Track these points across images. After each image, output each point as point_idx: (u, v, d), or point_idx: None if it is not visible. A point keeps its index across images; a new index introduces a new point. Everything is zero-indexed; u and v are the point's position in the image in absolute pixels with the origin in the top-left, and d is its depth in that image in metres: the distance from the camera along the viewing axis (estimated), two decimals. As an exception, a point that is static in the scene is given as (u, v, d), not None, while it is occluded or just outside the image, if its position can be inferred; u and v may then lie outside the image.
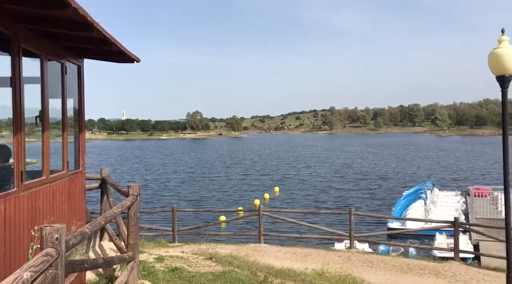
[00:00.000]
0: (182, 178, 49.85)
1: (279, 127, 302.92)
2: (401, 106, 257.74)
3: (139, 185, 5.23)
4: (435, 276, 9.86)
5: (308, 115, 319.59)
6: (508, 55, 6.60)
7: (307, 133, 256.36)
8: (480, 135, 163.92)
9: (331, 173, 52.50)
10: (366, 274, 9.60)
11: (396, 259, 11.91)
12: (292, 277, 6.78)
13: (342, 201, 33.45)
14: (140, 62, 6.64)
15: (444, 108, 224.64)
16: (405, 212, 25.25)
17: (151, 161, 76.07)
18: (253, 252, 11.61)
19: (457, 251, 12.08)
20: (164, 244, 11.43)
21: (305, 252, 12.05)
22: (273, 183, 44.16)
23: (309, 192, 38.77)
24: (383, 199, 34.23)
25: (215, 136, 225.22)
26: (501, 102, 7.04)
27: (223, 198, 36.09)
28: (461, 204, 28.50)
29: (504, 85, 6.82)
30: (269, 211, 14.91)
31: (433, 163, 64.83)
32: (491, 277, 9.78)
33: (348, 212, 13.18)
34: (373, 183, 43.21)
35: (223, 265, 6.88)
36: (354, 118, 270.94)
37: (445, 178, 46.96)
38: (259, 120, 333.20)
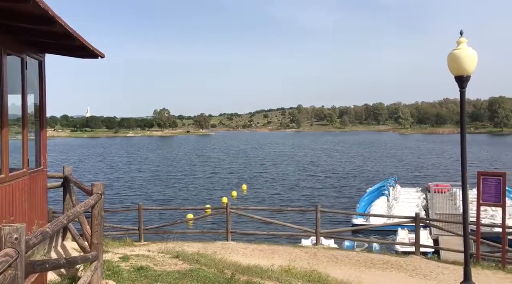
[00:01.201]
0: (148, 177, 48.94)
1: (247, 125, 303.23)
2: (366, 105, 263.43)
3: (103, 183, 5.13)
4: (397, 270, 10.17)
5: (276, 113, 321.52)
6: (466, 56, 6.85)
7: (275, 131, 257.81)
8: (440, 133, 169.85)
9: (299, 171, 53.06)
10: (331, 270, 9.79)
11: (360, 254, 12.20)
12: (259, 274, 6.83)
13: (309, 199, 33.88)
14: (104, 58, 6.51)
15: (406, 107, 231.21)
16: (369, 208, 25.88)
17: (115, 159, 74.43)
18: (221, 249, 11.61)
19: (418, 246, 12.49)
20: (130, 243, 11.26)
21: (272, 249, 12.16)
22: (241, 181, 44.20)
23: (276, 190, 39.06)
24: (349, 196, 34.94)
25: (182, 134, 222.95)
26: (460, 102, 7.28)
27: (190, 197, 35.76)
28: (422, 200, 29.48)
29: (462, 85, 7.06)
30: (236, 209, 14.95)
31: (395, 160, 66.65)
32: (449, 270, 10.17)
33: (314, 209, 13.37)
34: (339, 181, 43.99)
35: (190, 263, 6.85)
36: (321, 116, 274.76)
37: (407, 175, 48.41)
38: (227, 118, 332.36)
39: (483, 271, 10.29)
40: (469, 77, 7.01)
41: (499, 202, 11.07)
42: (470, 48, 6.92)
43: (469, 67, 6.93)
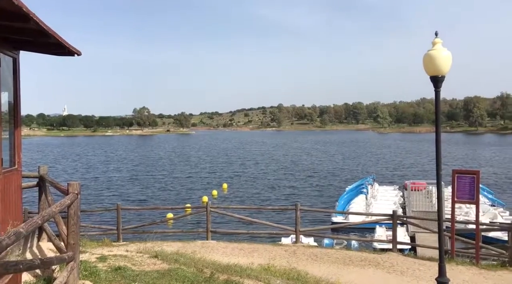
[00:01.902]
0: (127, 177, 48.18)
1: (228, 124, 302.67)
2: (345, 104, 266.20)
3: (79, 183, 5.06)
4: (375, 267, 10.33)
5: (257, 112, 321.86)
6: (440, 57, 6.97)
7: (256, 130, 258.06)
8: (417, 132, 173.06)
9: (279, 170, 53.24)
10: (310, 267, 9.88)
11: (339, 252, 12.34)
12: (238, 273, 6.85)
13: (290, 198, 34.04)
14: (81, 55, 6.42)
15: (385, 106, 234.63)
16: (348, 206, 26.19)
17: (93, 159, 73.19)
18: (201, 249, 11.58)
19: (395, 243, 12.72)
20: (108, 243, 11.12)
21: (252, 247, 12.19)
22: (221, 180, 44.10)
23: (257, 189, 39.11)
24: (329, 195, 35.23)
25: (163, 133, 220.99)
26: (435, 101, 7.41)
27: (170, 197, 35.39)
28: (399, 198, 29.99)
29: (437, 85, 7.18)
30: (216, 208, 14.91)
31: (374, 159, 67.58)
32: (425, 267, 10.38)
33: (294, 208, 13.45)
34: (319, 180, 44.31)
35: (169, 263, 6.81)
36: (301, 115, 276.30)
37: (385, 173, 49.15)
38: (208, 117, 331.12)
39: (458, 267, 10.54)
40: (443, 77, 7.13)
41: (473, 200, 11.34)
42: (445, 48, 7.04)
43: (444, 68, 7.05)
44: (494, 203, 27.40)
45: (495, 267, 10.82)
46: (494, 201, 27.74)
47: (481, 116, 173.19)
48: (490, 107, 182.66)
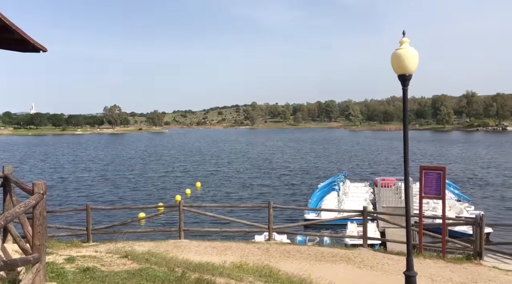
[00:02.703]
0: (97, 177, 47.01)
1: (201, 122, 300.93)
2: (318, 102, 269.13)
3: (45, 182, 4.93)
4: (346, 262, 10.50)
5: (230, 110, 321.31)
6: (408, 56, 7.09)
7: (229, 128, 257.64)
8: (387, 130, 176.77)
9: (253, 168, 53.30)
10: (283, 264, 9.96)
11: (312, 248, 12.47)
12: (210, 271, 6.82)
13: (263, 196, 34.12)
14: (46, 52, 6.24)
15: (356, 104, 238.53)
16: (320, 203, 26.47)
17: (61, 158, 71.27)
18: (173, 248, 11.48)
19: (366, 238, 12.95)
20: (77, 244, 10.88)
21: (225, 245, 12.17)
22: (195, 179, 43.79)
23: (231, 188, 39.05)
24: (302, 192, 35.51)
25: (135, 131, 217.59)
26: (402, 99, 7.54)
27: (142, 197, 34.66)
28: (370, 194, 30.55)
29: (405, 83, 7.31)
30: (189, 206, 14.78)
31: (346, 156, 68.62)
32: (394, 261, 10.62)
33: (267, 206, 13.50)
34: (292, 178, 44.58)
35: (140, 263, 6.72)
36: (275, 114, 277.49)
37: (357, 170, 49.99)
38: (181, 115, 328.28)
39: (425, 260, 10.84)
40: (411, 75, 7.26)
41: (440, 195, 11.65)
42: (412, 48, 7.17)
43: (411, 66, 7.18)
44: (460, 198, 28.29)
45: (460, 260, 11.18)
46: (460, 196, 28.64)
47: (448, 114, 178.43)
48: (456, 105, 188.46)
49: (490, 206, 28.76)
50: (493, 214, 26.28)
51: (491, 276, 9.70)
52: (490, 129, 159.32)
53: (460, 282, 9.10)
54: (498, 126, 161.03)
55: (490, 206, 28.97)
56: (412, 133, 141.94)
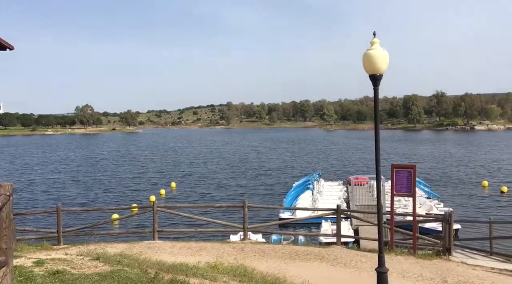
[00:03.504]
0: (67, 179, 45.74)
1: (176, 122, 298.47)
2: (293, 102, 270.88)
3: (11, 184, 4.78)
4: (320, 260, 10.62)
5: (206, 110, 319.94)
6: (378, 56, 7.18)
7: (205, 128, 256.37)
8: (361, 129, 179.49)
9: (229, 168, 53.19)
10: (257, 263, 9.98)
11: (286, 247, 12.56)
12: (184, 272, 6.78)
13: (239, 196, 34.11)
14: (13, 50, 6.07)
15: (331, 104, 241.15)
16: (295, 202, 26.66)
17: (30, 160, 69.18)
18: (147, 249, 11.35)
19: (339, 236, 13.14)
20: (47, 247, 10.62)
21: (200, 246, 12.11)
22: (170, 179, 43.37)
23: (206, 187, 38.86)
24: (277, 191, 35.66)
25: (108, 132, 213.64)
26: (373, 99, 7.63)
27: (115, 199, 33.92)
28: (343, 193, 30.97)
29: (376, 83, 7.39)
30: (163, 207, 14.64)
31: (321, 156, 69.34)
32: (367, 258, 10.81)
33: (242, 205, 13.51)
34: (268, 177, 44.74)
35: (112, 265, 6.61)
36: (250, 113, 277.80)
37: (331, 169, 50.59)
38: (156, 115, 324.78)
39: (397, 257, 11.08)
40: (381, 75, 7.34)
41: (410, 193, 11.93)
42: (382, 48, 7.28)
43: (382, 66, 7.27)
44: (430, 195, 29.03)
45: (430, 256, 11.48)
46: (430, 194, 29.39)
47: (418, 113, 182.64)
48: (427, 105, 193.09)
49: (458, 203, 29.63)
50: (461, 210, 27.09)
51: (459, 271, 10.00)
52: (459, 128, 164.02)
53: (430, 277, 9.34)
54: (466, 125, 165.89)
55: (458, 203, 29.85)
56: (384, 132, 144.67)
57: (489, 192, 34.24)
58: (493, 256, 12.34)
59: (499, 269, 10.51)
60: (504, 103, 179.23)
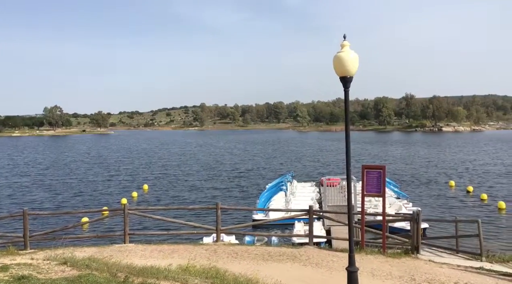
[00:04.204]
0: (34, 182, 44.13)
1: (149, 124, 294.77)
2: (267, 104, 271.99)
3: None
4: (292, 260, 10.69)
5: (179, 111, 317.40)
6: (348, 59, 7.28)
7: (178, 129, 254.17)
8: (333, 131, 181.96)
9: (202, 171, 52.82)
10: (230, 265, 9.96)
11: (259, 248, 12.58)
12: (155, 275, 6.69)
13: (213, 197, 33.93)
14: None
15: (304, 106, 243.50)
16: (268, 203, 26.73)
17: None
18: (117, 253, 11.15)
19: (312, 237, 13.26)
20: (13, 252, 10.27)
21: (172, 248, 11.99)
22: (142, 182, 42.72)
23: (180, 190, 38.48)
24: (251, 193, 35.66)
25: (78, 133, 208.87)
26: (344, 101, 7.72)
27: (86, 203, 32.80)
28: (316, 193, 31.27)
29: (346, 85, 7.50)
30: (135, 209, 14.42)
31: (294, 157, 69.82)
32: (338, 258, 10.96)
33: (215, 207, 13.45)
34: (242, 179, 44.65)
35: (80, 269, 6.46)
36: (224, 115, 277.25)
37: (303, 170, 51.01)
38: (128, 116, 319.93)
39: (367, 256, 11.28)
40: (351, 77, 7.45)
41: (380, 193, 12.18)
42: (352, 51, 7.39)
43: (352, 69, 7.38)
44: (399, 195, 29.68)
45: (399, 254, 11.74)
46: (399, 194, 30.05)
47: (389, 115, 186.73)
48: (397, 107, 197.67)
49: (426, 203, 30.42)
50: (429, 210, 27.85)
51: (427, 269, 10.26)
52: (427, 129, 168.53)
53: (399, 276, 9.54)
54: (434, 127, 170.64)
55: (426, 202, 30.65)
56: (356, 134, 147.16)
57: (456, 191, 35.30)
58: (459, 254, 12.74)
59: (465, 266, 10.85)
60: (469, 106, 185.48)
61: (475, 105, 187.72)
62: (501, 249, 17.81)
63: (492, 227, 23.15)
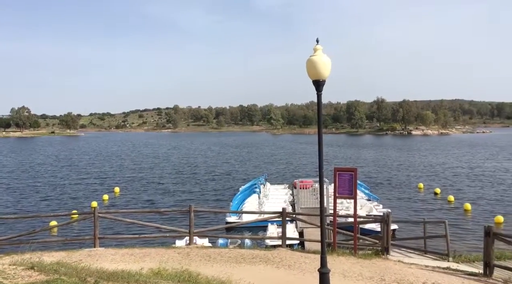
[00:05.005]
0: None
1: (120, 125, 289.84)
2: (241, 106, 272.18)
3: None
4: (265, 263, 10.72)
5: (152, 113, 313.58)
6: (321, 62, 7.37)
7: (151, 131, 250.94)
8: (307, 134, 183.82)
9: (175, 173, 52.32)
10: (203, 268, 9.90)
11: (233, 251, 12.55)
12: (126, 279, 6.57)
13: (186, 200, 33.63)
14: None
15: (278, 108, 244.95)
16: (241, 206, 26.75)
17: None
18: (87, 257, 10.91)
19: (285, 239, 13.33)
20: (-24, 258, 9.88)
21: (144, 252, 11.82)
22: (113, 184, 41.91)
23: (152, 193, 37.96)
24: (225, 196, 35.52)
25: (46, 135, 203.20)
26: (317, 104, 7.81)
27: (55, 206, 31.84)
28: (289, 196, 31.48)
29: (319, 88, 7.59)
30: (105, 213, 14.13)
31: (268, 160, 70.08)
32: (310, 259, 11.06)
33: (188, 210, 13.35)
34: (216, 182, 44.45)
35: (47, 274, 6.27)
36: (197, 117, 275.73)
37: (277, 173, 51.27)
38: (99, 118, 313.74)
39: (338, 257, 11.43)
40: (324, 81, 7.55)
41: (352, 195, 12.37)
42: (325, 55, 7.49)
43: (324, 72, 7.48)
44: (370, 197, 30.24)
45: (370, 256, 11.96)
46: (370, 196, 30.62)
47: (361, 118, 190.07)
48: (368, 111, 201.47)
49: (396, 205, 31.11)
50: (398, 211, 28.47)
51: (396, 269, 10.49)
52: (398, 133, 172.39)
53: (369, 276, 9.72)
54: (404, 130, 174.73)
55: (396, 204, 31.34)
56: (329, 137, 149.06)
57: (425, 194, 36.25)
58: (427, 255, 13.09)
59: (432, 266, 11.16)
60: (437, 109, 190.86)
61: (442, 109, 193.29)
62: (467, 249, 18.39)
63: (458, 228, 23.89)
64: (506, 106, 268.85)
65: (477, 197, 33.87)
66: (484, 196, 34.09)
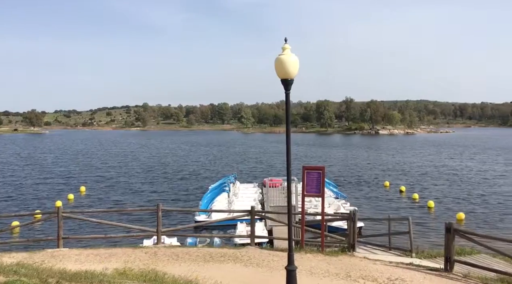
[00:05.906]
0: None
1: (87, 123, 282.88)
2: (211, 105, 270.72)
3: None
4: (234, 261, 10.73)
5: (120, 111, 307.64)
6: (289, 61, 7.40)
7: (119, 130, 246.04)
8: (277, 133, 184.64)
9: (144, 172, 51.50)
10: (170, 267, 9.80)
11: (201, 249, 12.48)
12: (89, 279, 6.43)
13: (155, 199, 33.15)
14: None
15: (248, 107, 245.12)
16: (211, 204, 26.62)
17: None
18: (50, 258, 10.60)
19: (253, 237, 13.38)
20: None
21: (110, 252, 11.60)
22: (79, 184, 40.82)
23: (120, 192, 37.23)
24: (195, 194, 35.26)
25: (8, 132, 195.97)
26: (285, 103, 7.82)
27: (16, 206, 30.66)
28: (259, 194, 31.59)
29: (287, 87, 7.62)
30: (70, 212, 13.77)
31: (239, 158, 70.07)
32: (279, 257, 11.14)
33: (155, 209, 13.18)
34: (185, 180, 44.03)
35: (7, 275, 6.06)
36: (167, 115, 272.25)
37: (247, 171, 51.35)
38: (64, 115, 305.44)
39: (306, 255, 11.57)
40: (292, 80, 7.58)
41: (319, 193, 12.53)
42: (293, 54, 7.54)
43: (292, 71, 7.52)
44: (338, 195, 30.73)
45: (336, 253, 12.16)
46: (337, 194, 31.11)
47: (330, 118, 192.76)
48: (337, 110, 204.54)
49: (363, 202, 31.75)
50: (365, 209, 29.08)
51: (362, 265, 10.72)
52: (366, 132, 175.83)
53: (335, 273, 9.88)
54: (372, 130, 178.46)
55: (363, 202, 31.98)
56: (299, 136, 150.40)
57: (390, 192, 37.16)
58: (392, 251, 13.43)
59: (396, 262, 11.46)
60: (403, 110, 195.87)
61: (408, 109, 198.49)
62: (430, 245, 18.97)
63: (422, 226, 24.62)
64: (468, 107, 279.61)
65: (441, 195, 35.00)
66: (448, 194, 35.28)
